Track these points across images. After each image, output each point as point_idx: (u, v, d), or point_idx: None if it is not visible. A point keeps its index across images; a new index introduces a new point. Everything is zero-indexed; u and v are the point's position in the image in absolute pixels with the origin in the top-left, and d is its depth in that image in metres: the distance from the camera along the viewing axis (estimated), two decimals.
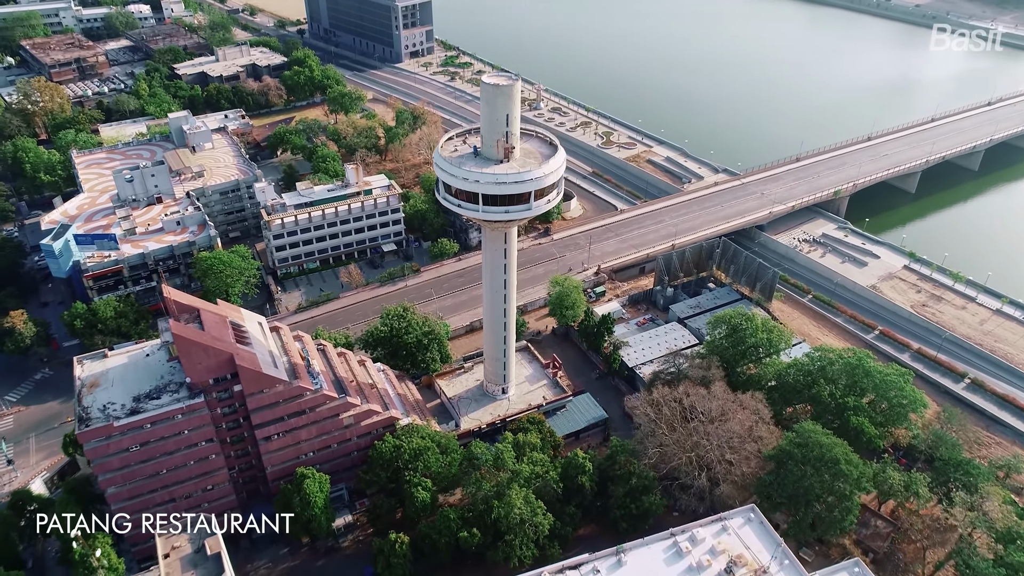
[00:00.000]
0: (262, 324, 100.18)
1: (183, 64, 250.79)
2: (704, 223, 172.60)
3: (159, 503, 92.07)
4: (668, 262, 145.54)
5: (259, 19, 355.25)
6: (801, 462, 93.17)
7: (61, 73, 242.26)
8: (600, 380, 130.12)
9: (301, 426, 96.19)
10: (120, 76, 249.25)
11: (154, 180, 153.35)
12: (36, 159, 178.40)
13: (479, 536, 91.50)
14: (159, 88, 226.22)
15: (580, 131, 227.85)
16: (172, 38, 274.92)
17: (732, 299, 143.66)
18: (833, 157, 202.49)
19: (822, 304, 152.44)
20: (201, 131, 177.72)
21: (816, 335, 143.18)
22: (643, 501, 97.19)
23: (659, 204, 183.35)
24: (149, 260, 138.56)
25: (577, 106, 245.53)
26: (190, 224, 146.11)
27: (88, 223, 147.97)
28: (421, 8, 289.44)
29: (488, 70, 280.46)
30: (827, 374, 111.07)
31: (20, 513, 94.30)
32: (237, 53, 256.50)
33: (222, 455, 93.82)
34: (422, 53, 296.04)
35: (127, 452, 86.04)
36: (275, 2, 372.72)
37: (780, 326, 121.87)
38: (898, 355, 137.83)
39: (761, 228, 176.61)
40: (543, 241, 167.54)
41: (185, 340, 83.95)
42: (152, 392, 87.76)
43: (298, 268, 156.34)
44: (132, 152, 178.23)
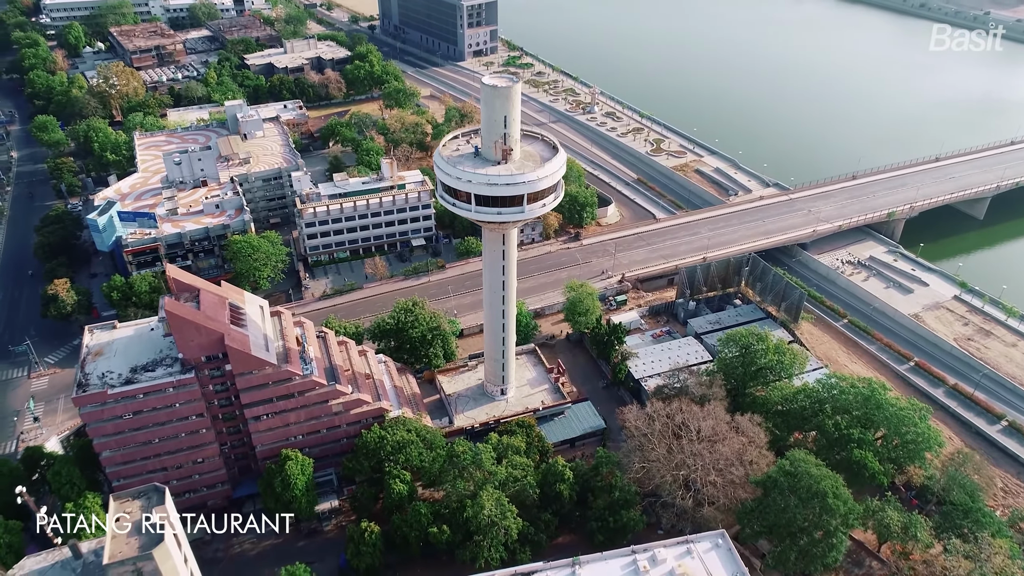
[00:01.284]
0: (263, 308, 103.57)
1: (253, 55, 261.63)
2: (741, 238, 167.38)
3: (151, 471, 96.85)
4: (692, 275, 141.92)
5: (335, 14, 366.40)
6: (787, 492, 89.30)
7: (141, 59, 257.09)
8: (607, 389, 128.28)
9: (290, 409, 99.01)
10: (195, 64, 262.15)
11: (201, 164, 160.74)
12: (104, 139, 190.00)
13: (448, 533, 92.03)
14: (227, 77, 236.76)
15: (631, 137, 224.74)
16: (247, 29, 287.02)
17: (755, 318, 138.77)
18: (893, 177, 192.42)
19: (857, 330, 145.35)
20: (253, 120, 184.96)
21: (844, 361, 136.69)
22: (622, 515, 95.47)
23: (698, 215, 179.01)
24: (185, 240, 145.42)
25: (632, 111, 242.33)
26: (228, 208, 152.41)
27: (137, 201, 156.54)
28: (487, 8, 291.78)
29: (548, 71, 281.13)
30: (837, 403, 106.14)
31: (32, 468, 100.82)
32: (304, 46, 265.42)
33: (213, 430, 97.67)
34: (485, 52, 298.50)
35: (120, 419, 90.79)
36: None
37: (794, 349, 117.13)
38: (931, 390, 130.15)
39: (803, 247, 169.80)
40: (572, 245, 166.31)
41: (177, 317, 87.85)
42: (148, 364, 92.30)
43: (328, 257, 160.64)
44: (189, 136, 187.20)
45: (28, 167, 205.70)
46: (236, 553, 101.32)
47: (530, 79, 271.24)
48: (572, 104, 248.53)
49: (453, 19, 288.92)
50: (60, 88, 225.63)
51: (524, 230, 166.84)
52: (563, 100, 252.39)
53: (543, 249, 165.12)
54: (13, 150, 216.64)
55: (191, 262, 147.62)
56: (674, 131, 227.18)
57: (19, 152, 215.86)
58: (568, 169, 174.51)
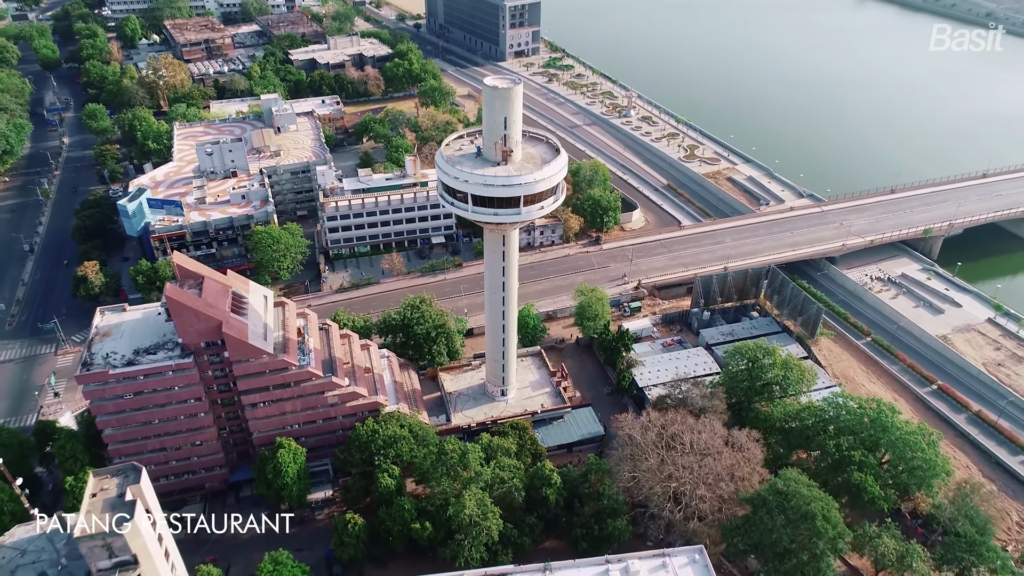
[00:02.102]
0: (267, 297, 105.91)
1: (297, 50, 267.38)
2: (767, 248, 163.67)
3: (151, 450, 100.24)
4: (707, 285, 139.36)
5: (383, 12, 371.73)
6: (775, 511, 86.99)
7: (191, 52, 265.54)
8: (611, 396, 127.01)
9: (286, 398, 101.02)
10: (242, 58, 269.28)
11: (231, 155, 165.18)
12: (147, 128, 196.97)
13: (430, 530, 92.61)
14: (270, 71, 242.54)
15: (665, 142, 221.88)
16: (294, 25, 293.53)
17: (770, 331, 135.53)
18: (934, 192, 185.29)
19: (879, 349, 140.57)
20: (287, 113, 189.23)
21: (861, 381, 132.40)
22: (608, 524, 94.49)
23: (724, 224, 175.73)
24: (210, 228, 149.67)
25: (669, 116, 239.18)
26: (254, 199, 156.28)
27: (169, 189, 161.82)
28: (530, 9, 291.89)
29: (588, 73, 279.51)
30: (841, 423, 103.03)
31: (44, 441, 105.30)
32: (347, 43, 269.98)
33: (211, 415, 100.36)
34: (527, 53, 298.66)
35: (121, 399, 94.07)
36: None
37: (803, 365, 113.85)
38: (952, 415, 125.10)
39: (832, 261, 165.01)
40: (591, 249, 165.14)
41: (177, 303, 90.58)
42: (151, 347, 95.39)
43: (349, 251, 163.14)
44: (226, 128, 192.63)
45: (77, 153, 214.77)
46: (229, 536, 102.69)
47: (569, 81, 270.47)
48: (609, 107, 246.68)
49: (496, 19, 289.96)
50: (112, 78, 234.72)
51: (544, 232, 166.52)
52: (600, 103, 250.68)
53: (561, 252, 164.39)
54: (65, 136, 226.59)
55: (215, 250, 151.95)
56: (710, 137, 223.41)
57: (70, 138, 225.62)
58: (593, 173, 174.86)
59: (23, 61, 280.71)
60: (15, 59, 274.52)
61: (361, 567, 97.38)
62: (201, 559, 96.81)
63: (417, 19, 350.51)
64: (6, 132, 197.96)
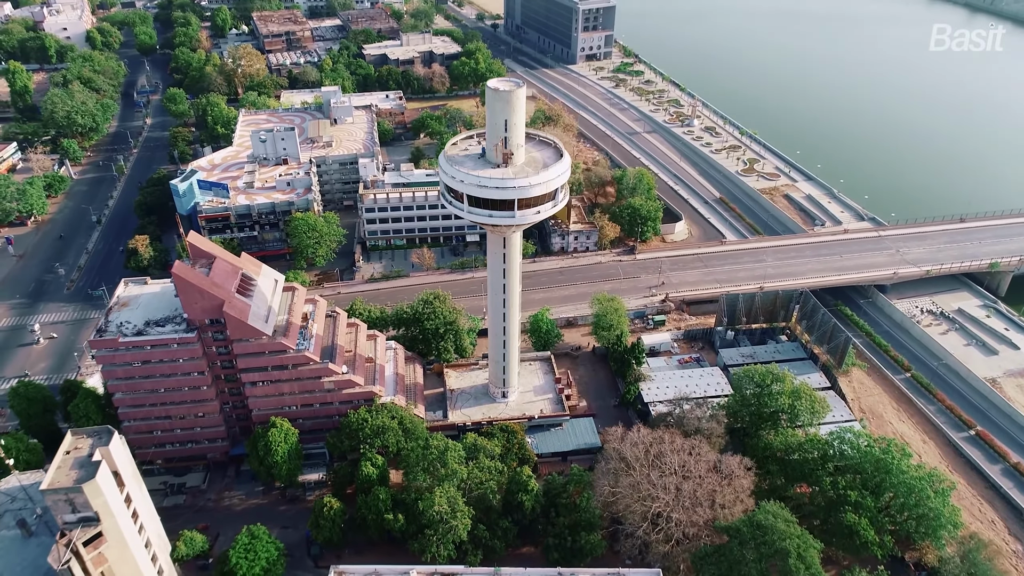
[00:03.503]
0: (277, 281, 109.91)
1: (371, 45, 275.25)
2: (809, 271, 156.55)
3: (157, 416, 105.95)
4: (733, 303, 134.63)
5: (465, 10, 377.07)
6: (749, 544, 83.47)
7: (272, 43, 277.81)
8: (617, 408, 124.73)
9: (284, 380, 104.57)
10: (319, 50, 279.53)
11: (283, 144, 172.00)
12: (217, 113, 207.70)
13: (402, 522, 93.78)
14: (341, 64, 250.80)
15: (724, 154, 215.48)
16: (373, 21, 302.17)
17: (794, 357, 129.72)
18: (1008, 225, 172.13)
19: (917, 386, 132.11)
20: (344, 106, 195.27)
21: (889, 418, 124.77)
22: (581, 537, 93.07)
23: (769, 242, 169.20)
24: (253, 212, 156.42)
25: (734, 128, 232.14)
26: (298, 186, 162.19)
27: (224, 172, 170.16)
28: (604, 12, 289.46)
29: (657, 80, 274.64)
30: (845, 460, 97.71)
31: (69, 399, 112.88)
32: (419, 40, 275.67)
33: (214, 389, 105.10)
34: (599, 57, 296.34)
35: (130, 366, 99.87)
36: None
37: (816, 396, 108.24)
38: (986, 464, 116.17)
39: (882, 289, 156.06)
40: (624, 259, 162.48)
41: (182, 280, 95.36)
42: (161, 320, 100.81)
43: (386, 243, 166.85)
44: (288, 117, 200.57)
45: (156, 133, 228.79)
46: (224, 506, 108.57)
47: (637, 87, 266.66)
48: (672, 116, 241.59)
49: (569, 21, 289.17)
50: (196, 65, 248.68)
51: (578, 237, 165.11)
52: (664, 111, 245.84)
53: (594, 259, 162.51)
54: (148, 117, 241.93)
55: (257, 233, 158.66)
56: (774, 152, 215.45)
57: (153, 120, 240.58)
58: (637, 181, 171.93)
59: (124, 46, 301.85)
60: (117, 43, 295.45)
61: (340, 551, 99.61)
62: (194, 526, 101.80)
63: (496, 19, 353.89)
64: (93, 111, 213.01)
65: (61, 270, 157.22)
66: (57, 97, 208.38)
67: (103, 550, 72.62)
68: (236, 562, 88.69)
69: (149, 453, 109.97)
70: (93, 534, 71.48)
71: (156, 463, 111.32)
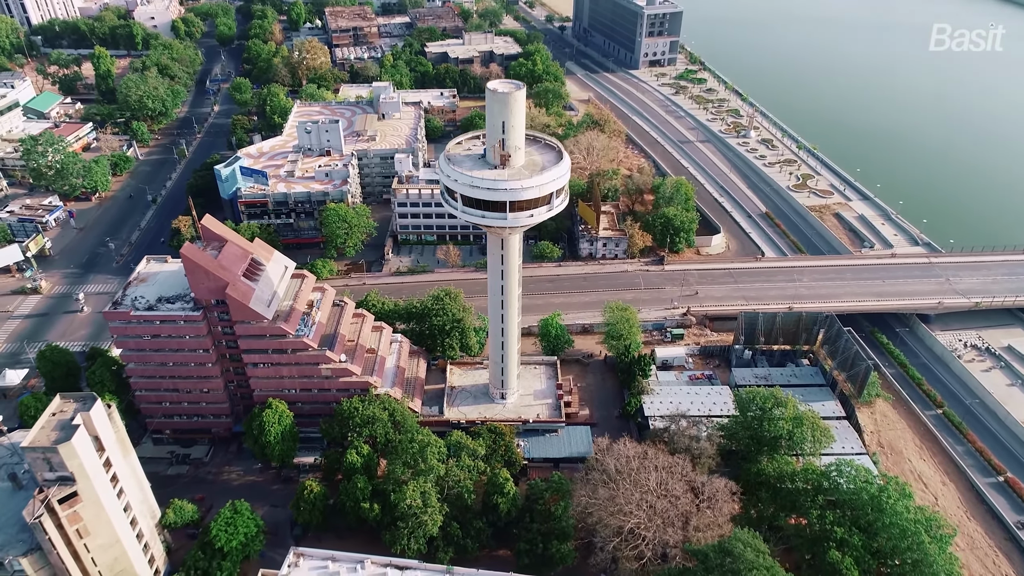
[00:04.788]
0: (287, 268, 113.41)
1: (434, 43, 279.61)
2: (846, 294, 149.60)
3: (166, 388, 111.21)
4: (752, 322, 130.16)
5: (535, 11, 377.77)
6: (714, 570, 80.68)
7: (340, 38, 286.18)
8: (620, 419, 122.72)
9: (283, 363, 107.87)
10: (385, 47, 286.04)
11: (327, 135, 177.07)
12: (276, 103, 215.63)
13: (377, 512, 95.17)
14: (402, 61, 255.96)
15: (778, 168, 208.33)
16: (440, 19, 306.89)
17: (811, 383, 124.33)
18: None
19: (947, 425, 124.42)
20: (392, 102, 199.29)
21: (909, 455, 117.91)
22: (552, 546, 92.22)
23: (808, 262, 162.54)
24: (290, 200, 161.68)
25: (792, 141, 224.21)
26: (336, 178, 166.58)
27: (269, 160, 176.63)
28: (671, 18, 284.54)
29: (719, 89, 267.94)
30: (839, 494, 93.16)
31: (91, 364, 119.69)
32: (481, 39, 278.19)
33: (219, 366, 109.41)
34: (662, 63, 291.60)
35: (141, 338, 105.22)
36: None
37: (819, 424, 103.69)
38: (1010, 514, 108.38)
39: (925, 319, 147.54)
40: (652, 269, 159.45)
41: (190, 261, 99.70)
42: (172, 297, 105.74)
43: (416, 238, 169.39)
44: (340, 110, 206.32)
45: (221, 120, 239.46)
46: (222, 479, 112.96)
47: (697, 95, 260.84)
48: (729, 126, 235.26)
49: (633, 26, 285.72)
50: (265, 56, 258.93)
51: (607, 244, 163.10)
52: (722, 121, 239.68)
53: (620, 267, 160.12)
54: (216, 105, 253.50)
55: (293, 221, 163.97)
56: (831, 169, 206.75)
57: (220, 107, 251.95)
58: (674, 191, 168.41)
59: (206, 36, 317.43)
60: (199, 33, 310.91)
61: (322, 535, 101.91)
62: (191, 495, 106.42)
63: (565, 21, 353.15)
64: (163, 96, 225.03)
65: (111, 244, 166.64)
66: (131, 82, 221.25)
67: (78, 509, 76.92)
68: (216, 534, 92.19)
69: (156, 423, 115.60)
70: (68, 493, 75.85)
71: (165, 433, 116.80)
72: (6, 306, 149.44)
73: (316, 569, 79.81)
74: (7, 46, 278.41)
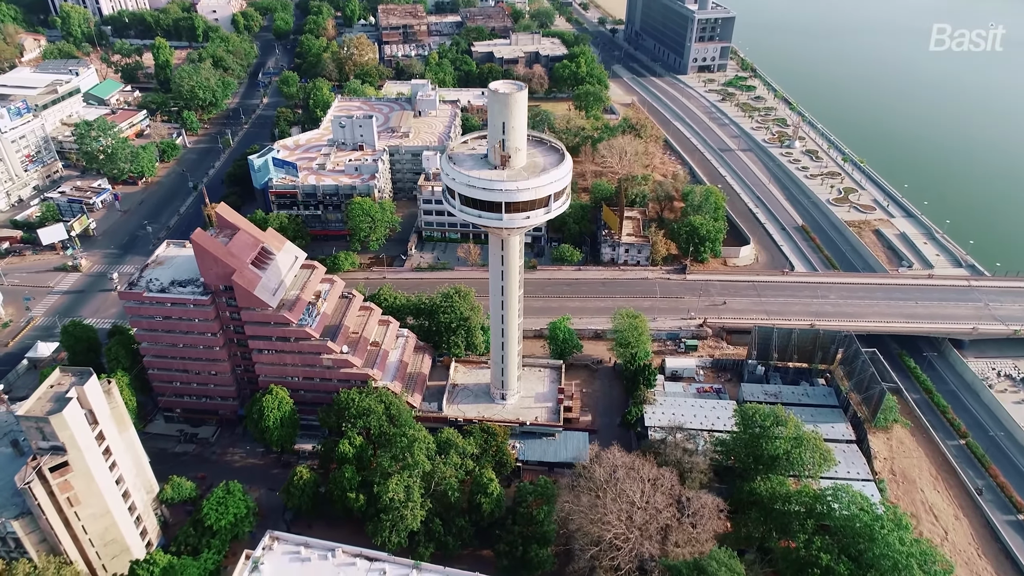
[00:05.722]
0: (297, 258, 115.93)
1: (481, 43, 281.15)
2: (874, 314, 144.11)
3: (176, 369, 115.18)
4: (766, 337, 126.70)
5: (589, 13, 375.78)
6: None
7: (389, 35, 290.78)
8: (621, 428, 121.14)
9: (286, 351, 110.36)
10: (433, 45, 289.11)
11: (361, 130, 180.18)
12: (319, 97, 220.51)
13: (362, 503, 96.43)
14: (447, 60, 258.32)
15: (819, 181, 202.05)
16: (490, 19, 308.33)
17: (822, 403, 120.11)
18: None
19: (968, 456, 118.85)
20: (428, 99, 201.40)
21: (922, 485, 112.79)
22: (531, 550, 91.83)
23: (837, 278, 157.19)
24: (319, 192, 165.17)
25: (838, 153, 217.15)
26: (365, 172, 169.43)
27: (304, 153, 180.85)
28: (722, 23, 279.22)
29: (768, 97, 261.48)
30: (831, 519, 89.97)
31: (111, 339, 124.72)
32: (528, 40, 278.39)
33: (226, 350, 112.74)
34: (712, 69, 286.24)
35: (153, 319, 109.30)
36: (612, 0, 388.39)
37: (823, 447, 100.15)
38: None
39: (958, 344, 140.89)
40: (673, 277, 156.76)
41: (199, 247, 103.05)
42: (184, 281, 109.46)
43: (440, 235, 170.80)
44: (379, 106, 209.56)
45: (268, 112, 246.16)
46: (225, 460, 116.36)
47: (744, 103, 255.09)
48: (774, 135, 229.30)
49: (684, 30, 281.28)
50: (315, 51, 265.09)
51: (629, 250, 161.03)
52: (767, 130, 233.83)
53: (641, 274, 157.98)
54: (265, 97, 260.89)
55: (320, 213, 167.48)
56: (876, 183, 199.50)
57: (269, 99, 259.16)
58: (704, 199, 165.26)
59: (264, 30, 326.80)
60: (257, 27, 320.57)
61: (313, 521, 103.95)
62: (194, 473, 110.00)
63: (618, 24, 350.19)
64: (214, 87, 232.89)
65: (149, 228, 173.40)
66: (184, 72, 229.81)
67: (69, 478, 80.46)
68: (207, 512, 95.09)
69: (167, 401, 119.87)
70: (60, 462, 79.40)
71: (176, 411, 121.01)
72: (47, 282, 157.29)
73: (289, 554, 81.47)
74: (79, 35, 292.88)
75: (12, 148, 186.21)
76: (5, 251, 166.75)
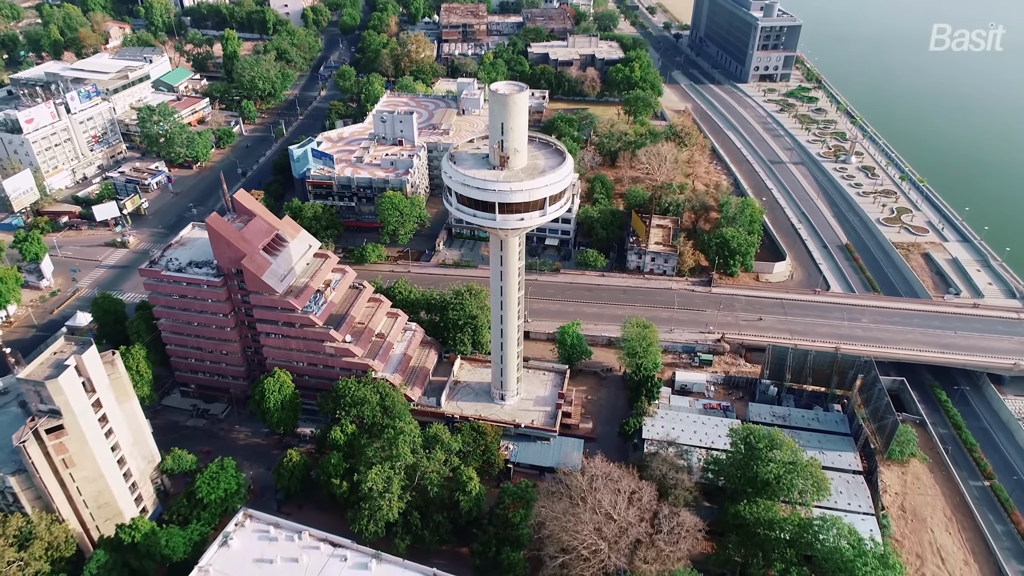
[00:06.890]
0: (311, 246, 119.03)
1: (538, 44, 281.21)
2: (906, 341, 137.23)
3: (191, 346, 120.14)
4: (780, 357, 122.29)
5: (655, 18, 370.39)
6: None
7: (449, 33, 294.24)
8: (620, 438, 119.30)
9: (291, 336, 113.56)
10: (491, 45, 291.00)
11: (401, 126, 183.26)
12: (370, 92, 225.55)
13: (345, 490, 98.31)
14: (501, 60, 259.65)
15: (871, 199, 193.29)
16: (550, 21, 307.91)
17: (831, 429, 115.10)
18: None
19: (991, 499, 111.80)
20: (472, 98, 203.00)
21: (932, 525, 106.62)
22: (504, 552, 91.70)
23: (873, 301, 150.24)
24: (353, 184, 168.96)
25: (897, 170, 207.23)
26: (400, 167, 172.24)
27: (346, 146, 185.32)
28: (788, 31, 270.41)
29: (830, 109, 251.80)
30: (813, 550, 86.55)
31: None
32: (585, 43, 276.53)
33: (237, 331, 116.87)
34: (775, 78, 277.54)
35: (170, 297, 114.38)
36: (679, 3, 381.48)
37: (819, 475, 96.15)
38: None
39: (997, 380, 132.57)
40: (697, 290, 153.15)
41: (213, 231, 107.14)
42: (201, 263, 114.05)
43: (470, 232, 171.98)
44: (425, 102, 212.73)
45: (323, 105, 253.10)
46: (231, 437, 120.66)
47: (803, 114, 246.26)
48: (830, 150, 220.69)
49: (747, 37, 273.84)
50: (374, 47, 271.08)
51: (655, 259, 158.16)
52: (823, 143, 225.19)
53: (665, 284, 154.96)
54: (323, 90, 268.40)
55: (354, 204, 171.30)
56: (933, 204, 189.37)
57: (327, 92, 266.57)
58: (739, 211, 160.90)
59: (332, 24, 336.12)
60: (325, 22, 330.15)
61: (303, 503, 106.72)
62: (200, 447, 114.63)
63: (683, 29, 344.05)
64: (273, 78, 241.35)
65: (195, 210, 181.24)
66: (246, 63, 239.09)
67: (64, 441, 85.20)
68: (199, 485, 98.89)
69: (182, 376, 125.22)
70: (55, 425, 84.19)
71: (191, 387, 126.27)
72: (96, 256, 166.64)
73: (258, 532, 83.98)
74: (159, 24, 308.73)
75: (80, 129, 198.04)
76: (64, 224, 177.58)
